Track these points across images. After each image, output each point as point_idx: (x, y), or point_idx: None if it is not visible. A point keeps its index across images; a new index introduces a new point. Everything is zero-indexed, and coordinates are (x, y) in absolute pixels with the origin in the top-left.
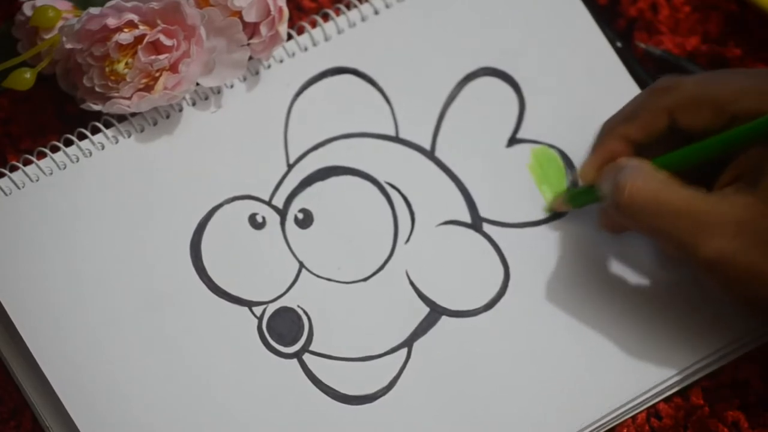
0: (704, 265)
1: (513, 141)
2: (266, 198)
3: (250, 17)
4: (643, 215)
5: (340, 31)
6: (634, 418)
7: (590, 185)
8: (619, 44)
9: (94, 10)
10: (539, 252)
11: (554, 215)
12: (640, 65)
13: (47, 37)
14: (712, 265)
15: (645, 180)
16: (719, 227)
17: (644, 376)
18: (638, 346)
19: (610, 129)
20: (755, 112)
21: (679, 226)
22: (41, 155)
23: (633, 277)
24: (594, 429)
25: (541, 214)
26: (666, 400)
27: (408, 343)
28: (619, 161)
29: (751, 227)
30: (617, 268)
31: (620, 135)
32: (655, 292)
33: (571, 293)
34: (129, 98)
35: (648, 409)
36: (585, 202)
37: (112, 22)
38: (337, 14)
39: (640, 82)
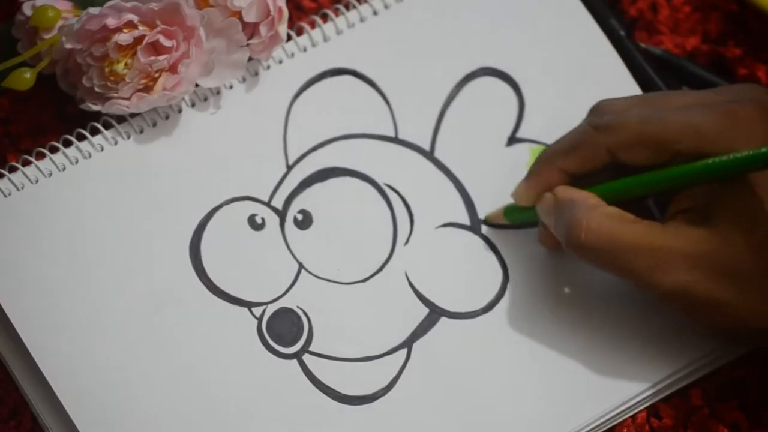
0: (662, 297)
1: (512, 140)
2: (265, 199)
3: (250, 17)
4: (599, 255)
5: (339, 32)
6: (634, 418)
7: (522, 209)
8: (622, 32)
9: (93, 10)
10: (538, 253)
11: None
12: (644, 58)
13: (47, 37)
14: (670, 297)
15: (599, 220)
16: (675, 261)
17: (644, 376)
18: (638, 346)
19: (547, 159)
20: (695, 152)
21: (636, 263)
22: (40, 156)
23: None
24: (594, 429)
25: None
26: (666, 400)
27: (407, 343)
28: (558, 190)
29: (706, 260)
30: None
31: (558, 167)
32: None
33: (569, 294)
34: (128, 99)
35: (648, 409)
36: (522, 219)
37: (111, 22)
38: (336, 15)
39: (640, 77)
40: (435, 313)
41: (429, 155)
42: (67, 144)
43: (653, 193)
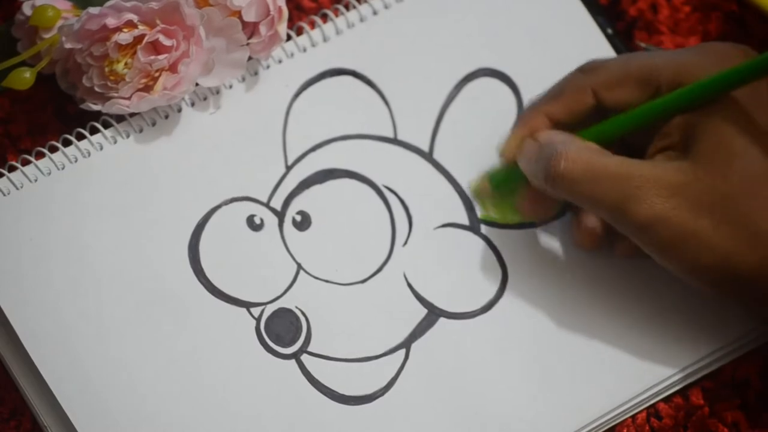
0: (638, 228)
1: None
2: (264, 200)
3: (250, 17)
4: (577, 184)
5: (338, 33)
6: (634, 418)
7: (510, 167)
8: (609, 30)
9: (93, 10)
10: (537, 253)
11: (552, 217)
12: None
13: (47, 36)
14: (646, 228)
15: (578, 149)
16: (653, 190)
17: (643, 376)
18: (637, 346)
19: (533, 106)
20: (677, 83)
21: (613, 191)
22: (40, 155)
23: (631, 278)
24: (594, 429)
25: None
26: (666, 400)
27: (406, 344)
28: (540, 134)
29: (684, 189)
30: (614, 269)
31: (544, 113)
32: (653, 292)
33: (568, 294)
34: (128, 98)
35: (648, 409)
36: (505, 182)
37: (111, 21)
38: (336, 15)
39: None
40: (433, 314)
41: (428, 156)
42: (67, 143)
43: (635, 129)
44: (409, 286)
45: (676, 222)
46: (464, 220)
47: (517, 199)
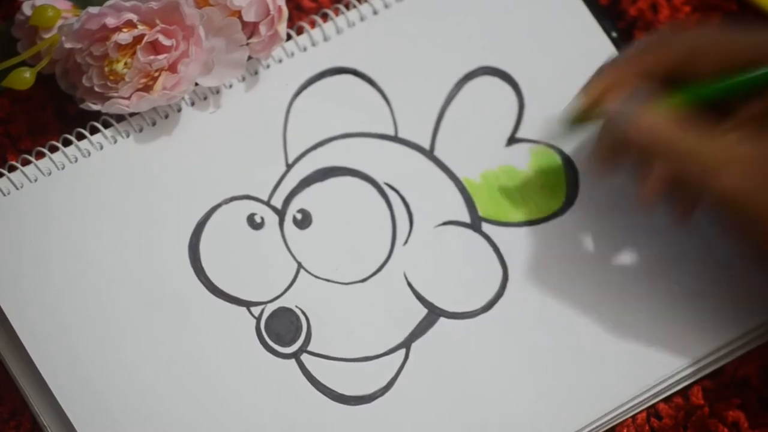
0: (718, 200)
1: (512, 140)
2: (265, 198)
3: (250, 17)
4: (657, 151)
5: (339, 32)
6: (634, 418)
7: (586, 109)
8: (614, 34)
9: (93, 10)
10: (538, 252)
11: (552, 215)
12: None
13: (47, 36)
14: (725, 202)
15: (660, 113)
16: (735, 165)
17: (643, 376)
18: (637, 346)
19: (625, 56)
20: None
21: (694, 161)
22: (40, 155)
23: (631, 278)
24: (594, 429)
25: (540, 213)
26: (666, 400)
27: (406, 343)
28: (629, 86)
29: (761, 168)
30: (616, 268)
31: (635, 62)
32: (654, 292)
33: (570, 293)
34: (128, 98)
35: (648, 409)
36: (578, 124)
37: (111, 21)
38: (336, 14)
39: None
40: (434, 314)
41: (429, 154)
42: (67, 143)
43: (733, 98)
44: (410, 285)
45: (756, 200)
46: (465, 218)
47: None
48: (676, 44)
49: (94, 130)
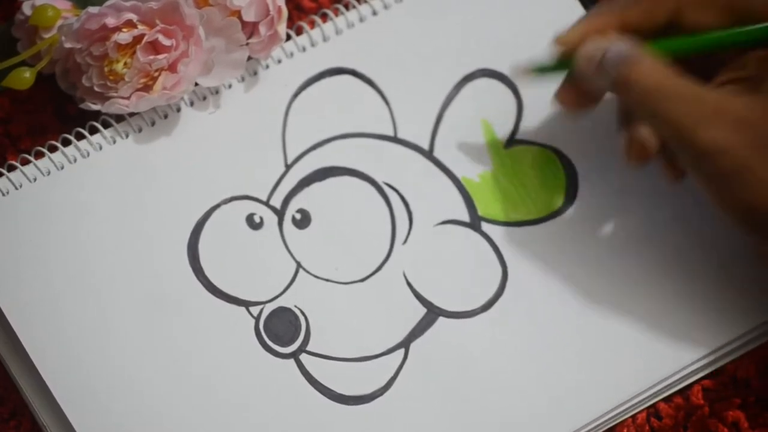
0: (699, 153)
1: (511, 142)
2: (264, 198)
3: (249, 17)
4: (649, 96)
5: (338, 32)
6: (634, 418)
7: (560, 58)
8: None
9: (93, 10)
10: (537, 251)
11: (552, 214)
12: None
13: (47, 36)
14: (706, 155)
15: (652, 61)
16: (721, 118)
17: (643, 376)
18: (637, 346)
19: (609, 5)
20: (766, 16)
21: (682, 110)
22: (39, 155)
23: (631, 278)
24: (594, 429)
25: (539, 212)
26: (666, 400)
27: (405, 343)
28: (609, 35)
29: (751, 126)
30: (615, 268)
31: (618, 14)
32: (653, 292)
33: (569, 292)
34: (128, 98)
35: (648, 409)
36: (551, 70)
37: (110, 21)
38: (336, 15)
39: None
40: (433, 313)
41: (428, 154)
42: (67, 143)
43: (711, 52)
44: (409, 285)
45: (736, 155)
46: (465, 217)
47: (558, 90)
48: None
49: (93, 130)
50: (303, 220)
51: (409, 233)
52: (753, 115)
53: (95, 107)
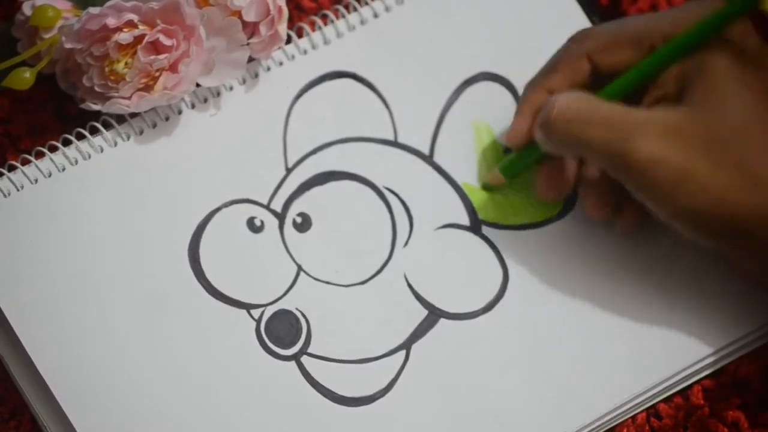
0: (635, 170)
1: None
2: (265, 202)
3: (250, 17)
4: (573, 128)
5: (339, 35)
6: (634, 418)
7: (520, 151)
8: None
9: (93, 10)
10: (538, 253)
11: (553, 217)
12: None
13: (47, 36)
14: (642, 170)
15: (572, 97)
16: (650, 131)
17: (643, 376)
18: (637, 347)
19: (532, 83)
20: (670, 36)
21: (610, 134)
22: (40, 155)
23: (631, 279)
24: (594, 429)
25: (539, 216)
26: (666, 400)
27: (406, 345)
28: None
29: (679, 131)
30: (615, 270)
31: (544, 88)
32: (653, 294)
33: (569, 295)
34: (128, 98)
35: (648, 409)
36: (517, 166)
37: (111, 21)
38: (336, 16)
39: None
40: (434, 315)
41: (428, 159)
42: (67, 143)
43: (636, 86)
44: (410, 287)
45: (672, 163)
46: (465, 221)
47: (533, 179)
48: (575, 58)
49: (94, 131)
50: (304, 224)
51: (409, 236)
52: (682, 123)
53: (96, 107)
